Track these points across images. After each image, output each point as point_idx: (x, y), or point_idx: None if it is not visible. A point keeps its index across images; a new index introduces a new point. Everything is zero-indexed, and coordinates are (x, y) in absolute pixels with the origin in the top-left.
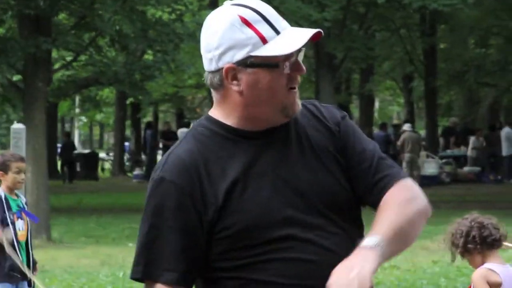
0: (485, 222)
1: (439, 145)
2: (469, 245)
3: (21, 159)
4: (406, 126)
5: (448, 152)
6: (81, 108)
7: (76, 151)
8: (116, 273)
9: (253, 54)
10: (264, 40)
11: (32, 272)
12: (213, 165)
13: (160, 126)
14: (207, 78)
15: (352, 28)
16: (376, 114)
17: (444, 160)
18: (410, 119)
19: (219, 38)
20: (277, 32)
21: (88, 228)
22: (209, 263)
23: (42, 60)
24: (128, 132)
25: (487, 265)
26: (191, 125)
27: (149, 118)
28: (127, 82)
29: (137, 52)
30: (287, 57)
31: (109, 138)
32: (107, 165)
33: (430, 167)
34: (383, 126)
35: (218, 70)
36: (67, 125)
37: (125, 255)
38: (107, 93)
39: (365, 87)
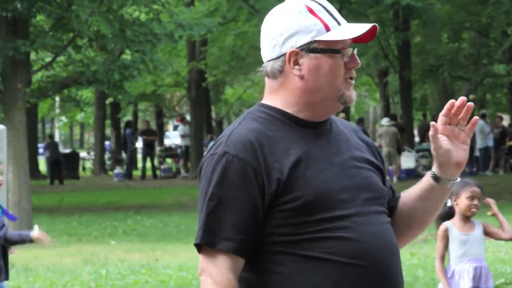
0: None
1: (414, 138)
2: None
3: None
4: (384, 121)
5: (424, 145)
6: (61, 109)
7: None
8: (99, 270)
9: (317, 39)
10: (327, 28)
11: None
12: (276, 144)
13: (140, 125)
14: (267, 67)
15: None
16: (352, 109)
17: (420, 154)
18: (387, 113)
19: (285, 24)
20: (339, 24)
21: (70, 226)
22: (262, 237)
23: (21, 62)
24: (108, 131)
25: None
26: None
27: (128, 117)
28: (106, 82)
29: (116, 52)
30: (344, 48)
31: (90, 138)
32: (88, 164)
33: (407, 161)
34: (360, 121)
35: (280, 56)
36: (47, 126)
37: (107, 252)
38: (87, 93)
39: None
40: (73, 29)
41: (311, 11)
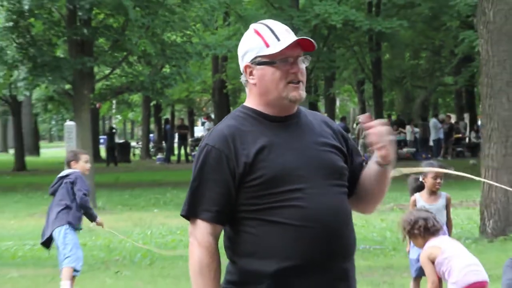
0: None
1: None
2: (415, 231)
3: (87, 154)
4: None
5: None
6: (117, 109)
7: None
8: (145, 231)
9: (259, 54)
10: (267, 45)
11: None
12: (246, 135)
13: (176, 122)
14: (241, 79)
15: (318, 46)
16: (337, 110)
17: None
18: (363, 113)
19: (242, 46)
20: (278, 40)
21: (123, 198)
22: (236, 207)
23: (87, 74)
24: (152, 126)
25: (427, 244)
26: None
27: (167, 115)
28: (150, 89)
29: (158, 66)
30: (284, 58)
31: (138, 131)
32: (137, 151)
33: None
34: (343, 119)
35: (243, 70)
36: (106, 122)
37: (151, 218)
38: (136, 97)
39: (329, 90)
40: (126, 49)
41: (257, 32)
